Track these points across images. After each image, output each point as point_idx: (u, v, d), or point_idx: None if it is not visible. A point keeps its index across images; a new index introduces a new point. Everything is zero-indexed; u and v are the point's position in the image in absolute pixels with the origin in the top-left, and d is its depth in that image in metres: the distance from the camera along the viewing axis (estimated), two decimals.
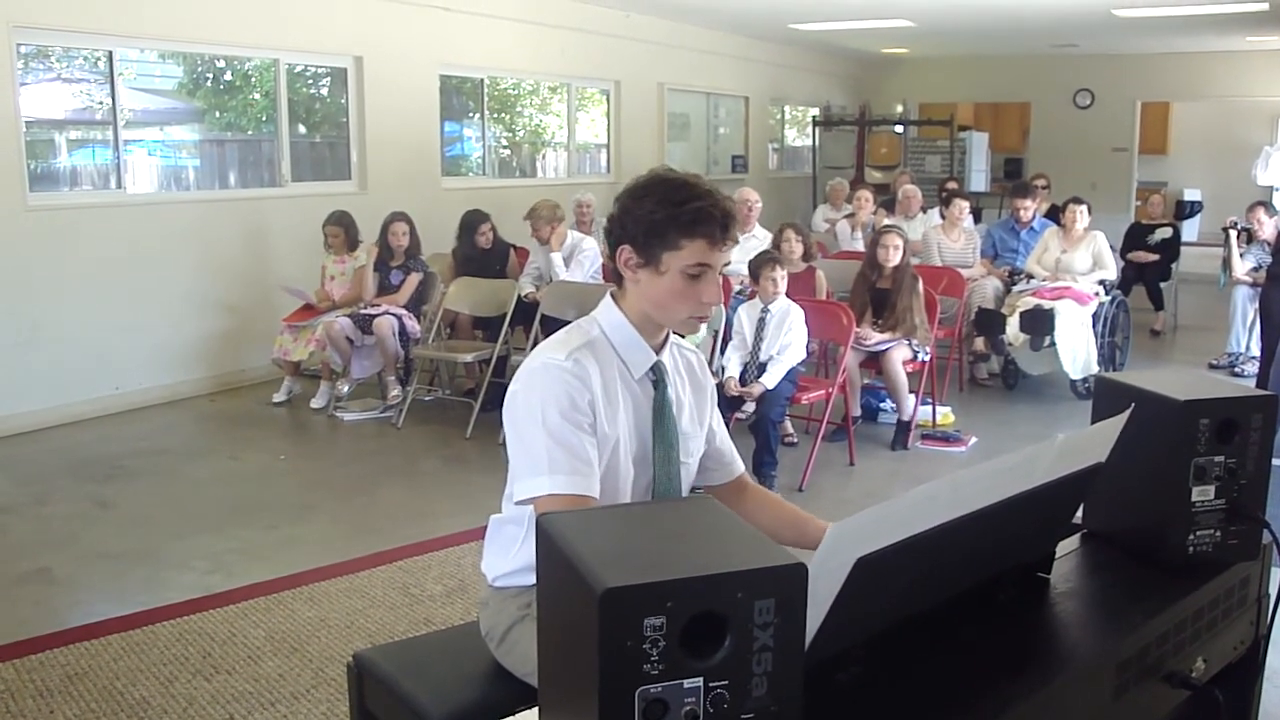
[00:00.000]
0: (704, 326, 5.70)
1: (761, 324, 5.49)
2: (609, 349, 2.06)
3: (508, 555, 2.15)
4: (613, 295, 2.11)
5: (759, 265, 5.60)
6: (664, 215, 1.95)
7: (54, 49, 6.86)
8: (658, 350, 2.10)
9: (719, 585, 1.06)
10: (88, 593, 4.15)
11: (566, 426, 1.94)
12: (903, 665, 1.52)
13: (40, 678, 3.43)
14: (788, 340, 5.44)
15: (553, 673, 1.21)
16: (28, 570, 4.33)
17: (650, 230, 1.97)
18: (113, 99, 6.92)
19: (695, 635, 1.06)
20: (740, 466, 2.32)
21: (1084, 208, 7.48)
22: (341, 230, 7.03)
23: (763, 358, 5.43)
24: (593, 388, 1.98)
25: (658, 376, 2.10)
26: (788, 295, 5.69)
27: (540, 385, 1.97)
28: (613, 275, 2.10)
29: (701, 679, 1.07)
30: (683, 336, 2.27)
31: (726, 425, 2.38)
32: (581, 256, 6.79)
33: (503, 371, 6.46)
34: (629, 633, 1.03)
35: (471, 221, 7.20)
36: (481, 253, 7.15)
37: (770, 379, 5.33)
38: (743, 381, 5.39)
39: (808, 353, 5.78)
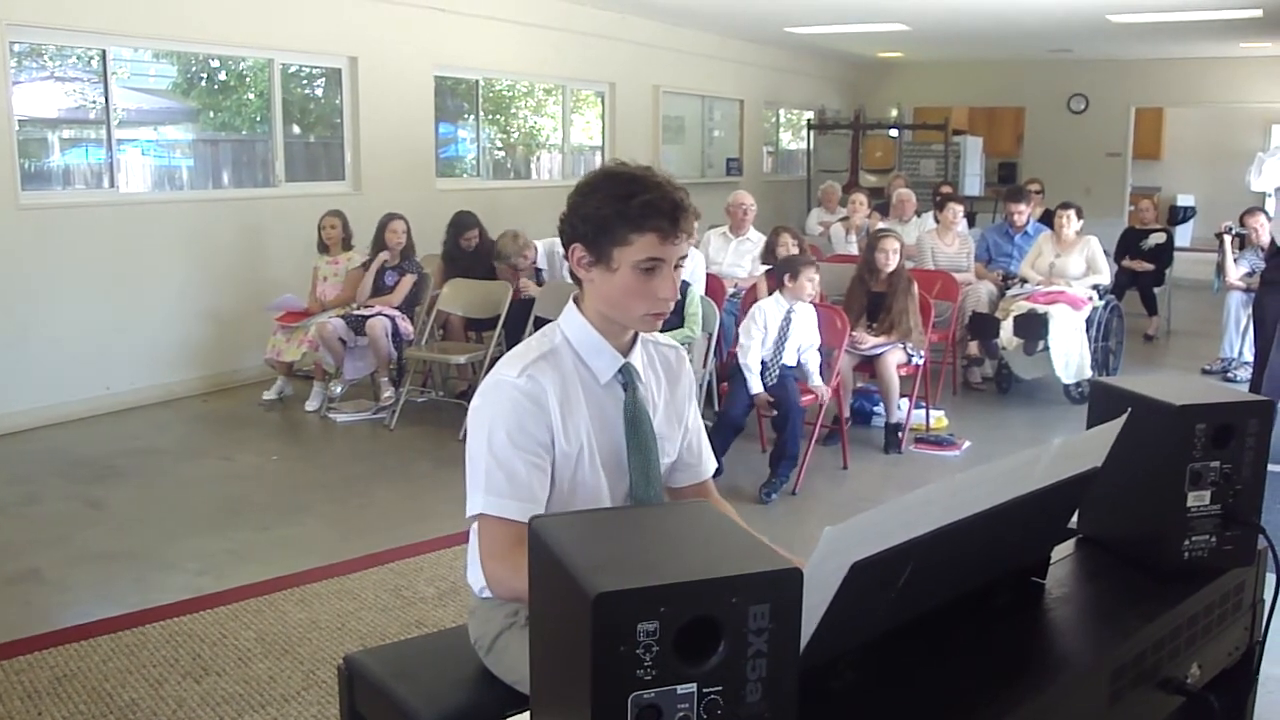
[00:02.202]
0: (696, 329, 5.72)
1: (787, 323, 5.49)
2: (571, 357, 2.01)
3: None
4: (575, 299, 2.06)
5: (800, 265, 5.59)
6: (611, 211, 1.90)
7: (47, 47, 6.85)
8: (625, 351, 2.05)
9: (713, 590, 1.05)
10: (78, 593, 4.13)
11: (511, 450, 1.91)
12: (897, 671, 1.51)
13: (29, 679, 3.41)
14: (808, 340, 5.51)
15: (545, 678, 1.20)
16: (17, 571, 4.31)
17: (599, 227, 1.91)
18: (106, 98, 6.90)
19: (689, 641, 1.05)
20: (709, 469, 2.24)
21: (1073, 212, 7.49)
22: (340, 222, 7.02)
23: (785, 358, 5.44)
24: (547, 404, 1.94)
25: (627, 379, 2.04)
26: None
27: (492, 403, 1.94)
28: (572, 277, 2.05)
29: (695, 685, 1.06)
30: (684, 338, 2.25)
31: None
32: (561, 262, 6.80)
33: None
34: (622, 638, 1.02)
35: (459, 223, 7.20)
36: (465, 254, 7.14)
37: (813, 368, 5.49)
38: (784, 382, 5.41)
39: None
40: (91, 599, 4.07)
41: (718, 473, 2.28)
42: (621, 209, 1.89)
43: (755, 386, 5.35)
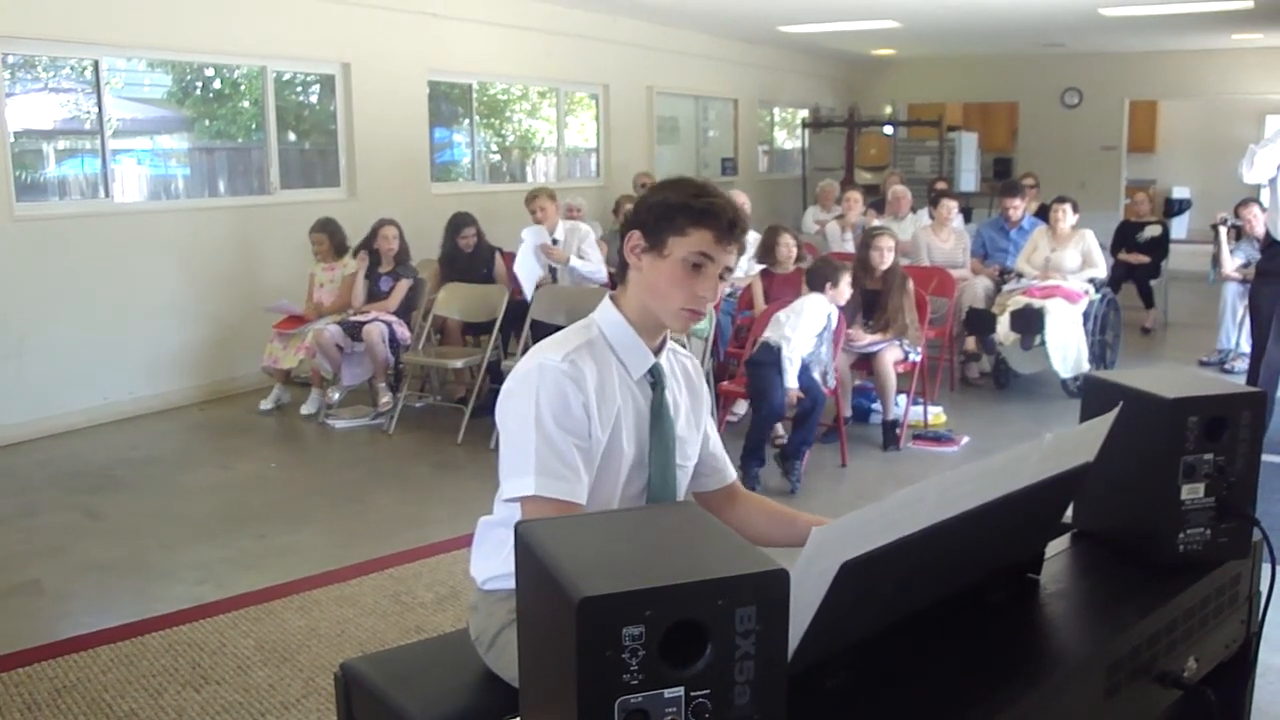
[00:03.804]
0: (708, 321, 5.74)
1: (830, 322, 5.58)
2: (607, 350, 2.07)
3: (496, 557, 2.14)
4: (612, 297, 2.13)
5: (840, 271, 5.65)
6: (678, 202, 2.02)
7: (40, 59, 6.84)
8: (655, 352, 2.11)
9: (699, 593, 1.05)
10: (77, 604, 4.13)
11: (558, 431, 1.95)
12: (891, 670, 1.50)
13: (28, 691, 3.40)
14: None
15: (533, 682, 1.20)
16: (16, 582, 4.30)
17: (661, 215, 2.02)
18: (100, 108, 6.89)
19: (675, 644, 1.05)
20: (733, 473, 2.33)
21: (1068, 206, 7.48)
22: (326, 237, 7.02)
23: (825, 355, 5.56)
24: (587, 390, 1.98)
25: (655, 379, 2.10)
26: (775, 297, 5.69)
27: (535, 386, 1.97)
28: (617, 273, 2.14)
29: (683, 689, 1.06)
30: (682, 344, 2.29)
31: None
32: (584, 245, 6.86)
33: (497, 377, 6.44)
34: (608, 642, 1.02)
35: (456, 223, 7.21)
36: (465, 255, 7.15)
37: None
38: (807, 372, 5.47)
39: None
40: (90, 609, 4.07)
41: (761, 463, 2.27)
42: (689, 203, 2.01)
43: (791, 381, 5.41)
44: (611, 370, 2.05)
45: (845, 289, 5.59)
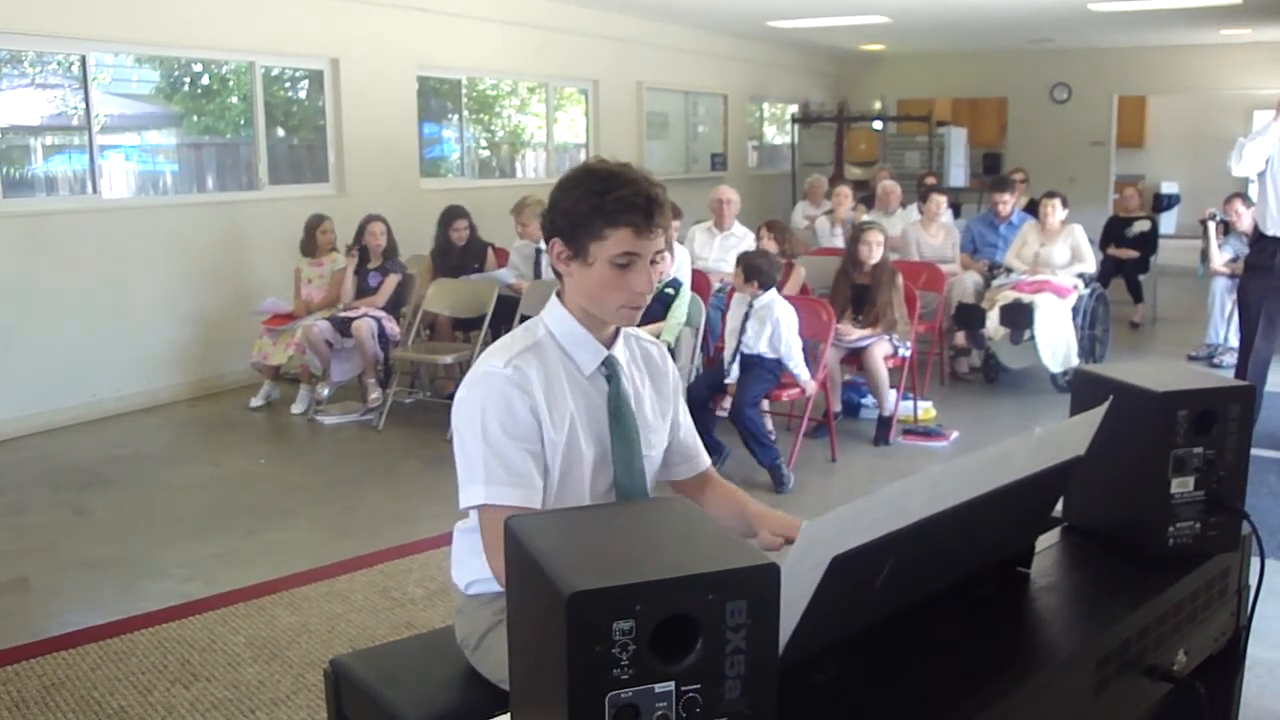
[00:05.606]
0: (683, 325, 5.73)
1: (746, 316, 5.53)
2: (555, 349, 2.04)
3: (477, 562, 2.13)
4: (557, 293, 2.09)
5: (747, 264, 5.60)
6: (588, 205, 1.93)
7: (27, 54, 6.80)
8: (608, 344, 2.08)
9: (689, 587, 1.05)
10: (65, 602, 4.11)
11: (504, 439, 1.93)
12: (881, 665, 1.50)
13: (16, 689, 3.39)
14: (767, 332, 5.46)
15: (523, 678, 1.19)
16: (4, 581, 4.28)
17: (576, 222, 1.95)
18: (87, 104, 6.85)
19: (666, 639, 1.05)
20: (706, 460, 2.30)
21: (1058, 201, 7.49)
22: (332, 226, 7.02)
23: (746, 349, 5.47)
24: (534, 393, 1.96)
25: (610, 371, 2.07)
26: None
27: (480, 394, 1.96)
28: (553, 270, 2.09)
29: (673, 683, 1.05)
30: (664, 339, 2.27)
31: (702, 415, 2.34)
32: None
33: None
34: (598, 637, 1.02)
35: (448, 215, 7.21)
36: (457, 249, 7.13)
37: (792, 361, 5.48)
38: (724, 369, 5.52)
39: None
40: (79, 607, 4.05)
41: (726, 456, 2.27)
42: (598, 204, 1.92)
43: (729, 376, 5.46)
44: (559, 371, 2.02)
45: (745, 285, 5.52)
